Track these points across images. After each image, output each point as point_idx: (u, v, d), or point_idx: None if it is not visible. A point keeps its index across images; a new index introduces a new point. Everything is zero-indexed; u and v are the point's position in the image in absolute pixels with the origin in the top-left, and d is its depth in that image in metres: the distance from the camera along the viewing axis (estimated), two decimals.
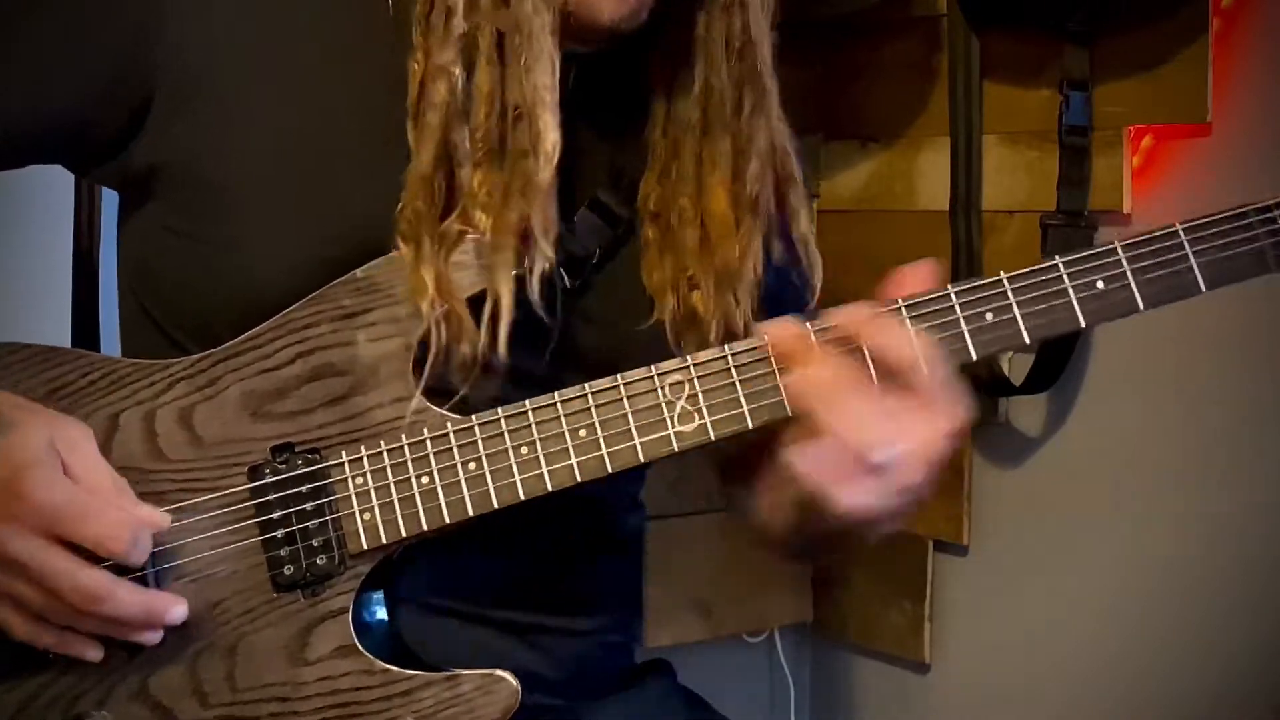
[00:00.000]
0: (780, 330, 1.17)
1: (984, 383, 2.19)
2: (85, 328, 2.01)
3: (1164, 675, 2.09)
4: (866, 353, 1.15)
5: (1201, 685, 2.04)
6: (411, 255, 1.19)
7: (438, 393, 1.21)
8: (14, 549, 1.12)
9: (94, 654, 1.18)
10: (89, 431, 1.19)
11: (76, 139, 1.26)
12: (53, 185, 1.94)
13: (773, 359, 1.18)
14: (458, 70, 1.18)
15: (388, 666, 1.20)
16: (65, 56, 1.24)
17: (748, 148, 1.27)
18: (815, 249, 1.31)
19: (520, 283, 1.19)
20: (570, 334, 1.26)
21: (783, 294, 1.32)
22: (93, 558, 1.14)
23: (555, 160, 1.18)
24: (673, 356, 1.20)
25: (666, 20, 1.25)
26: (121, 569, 1.16)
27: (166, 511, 1.18)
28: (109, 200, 1.99)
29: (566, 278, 1.26)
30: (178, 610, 1.18)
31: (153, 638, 1.18)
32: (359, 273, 1.22)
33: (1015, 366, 2.20)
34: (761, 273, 1.28)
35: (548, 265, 1.19)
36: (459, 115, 1.18)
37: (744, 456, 1.33)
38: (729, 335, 1.26)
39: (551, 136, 1.17)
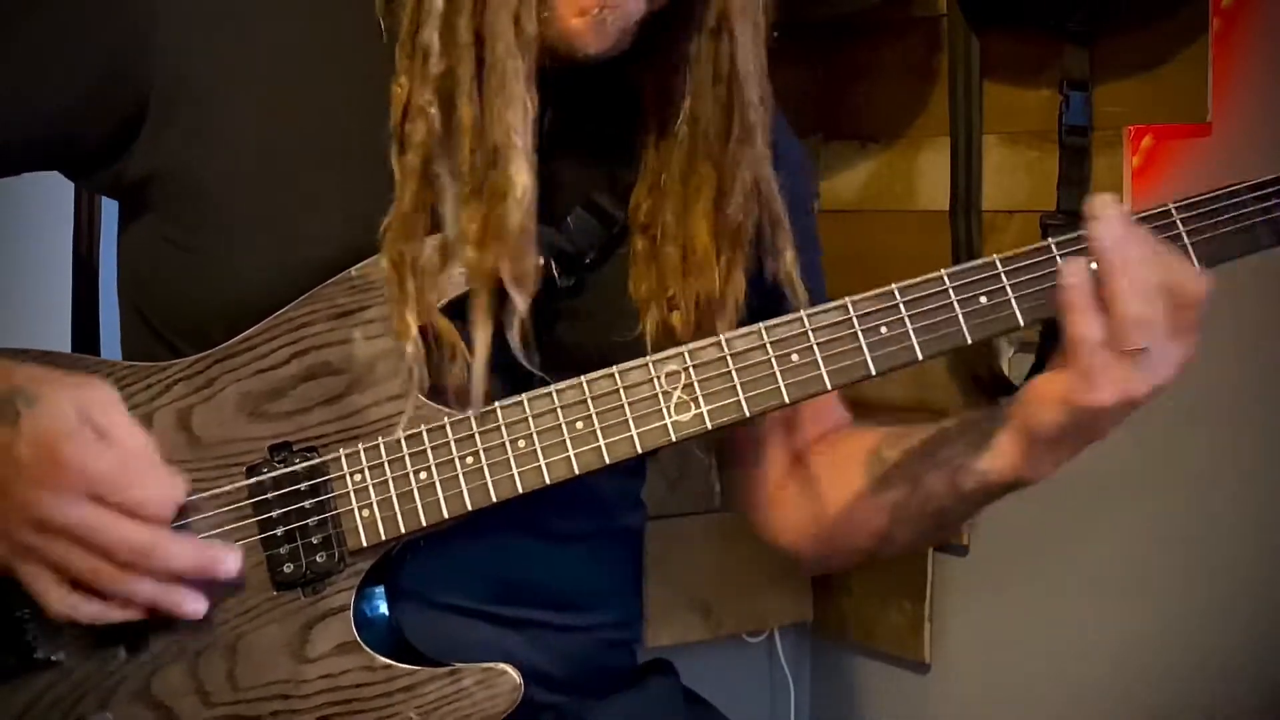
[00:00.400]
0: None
1: (984, 383, 2.19)
2: (85, 330, 2.01)
3: (1163, 675, 2.09)
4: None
5: (1201, 685, 2.04)
6: (395, 294, 1.19)
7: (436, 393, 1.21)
8: (61, 514, 1.11)
9: (136, 614, 1.16)
10: (114, 393, 1.17)
11: (68, 145, 1.27)
12: (53, 188, 1.94)
13: (769, 346, 1.19)
14: (434, 110, 1.17)
15: (389, 662, 1.21)
16: (56, 61, 1.24)
17: (732, 177, 1.26)
18: (802, 288, 1.30)
19: (501, 327, 1.19)
20: (561, 333, 1.27)
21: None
22: None
23: (526, 204, 1.17)
24: None
25: (657, 39, 1.24)
26: None
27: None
28: (109, 203, 1.98)
29: (559, 276, 1.26)
30: (232, 560, 1.16)
31: (197, 606, 1.16)
32: (353, 271, 1.22)
33: (1015, 366, 2.20)
34: (742, 305, 1.27)
35: (521, 312, 1.18)
36: (441, 148, 1.18)
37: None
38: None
39: (521, 181, 1.16)
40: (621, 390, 1.19)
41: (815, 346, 1.19)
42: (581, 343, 1.27)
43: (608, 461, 1.19)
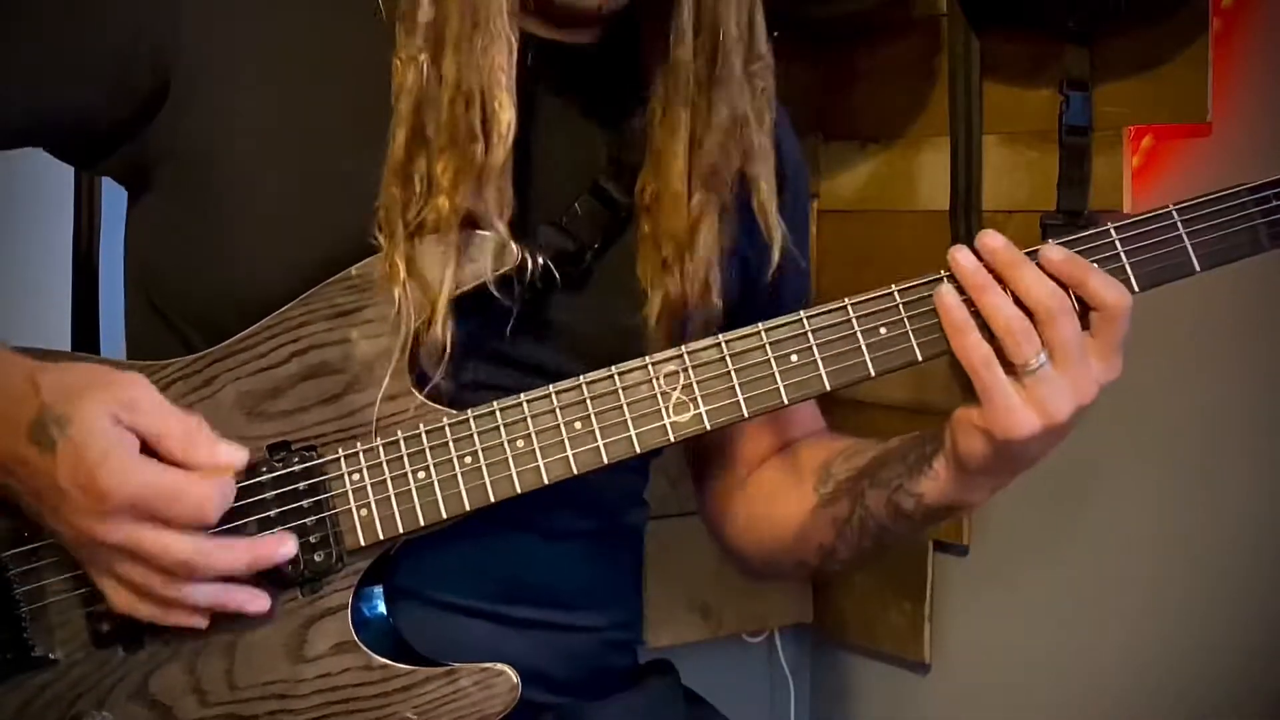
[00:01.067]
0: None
1: None
2: (85, 327, 2.01)
3: (1164, 675, 2.09)
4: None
5: (1202, 685, 2.04)
6: (386, 242, 1.20)
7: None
8: (106, 537, 1.13)
9: (199, 621, 1.18)
10: (143, 381, 1.17)
11: (86, 124, 1.27)
12: (53, 184, 1.94)
13: (768, 346, 1.19)
14: (424, 58, 1.19)
15: (386, 662, 1.21)
16: (82, 39, 1.24)
17: (707, 119, 1.27)
18: (776, 219, 1.31)
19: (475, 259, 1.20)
20: (571, 322, 1.27)
21: (744, 270, 1.34)
22: None
23: (509, 140, 1.18)
24: (667, 347, 1.21)
25: (653, 3, 1.25)
26: None
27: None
28: (109, 199, 1.99)
29: (564, 272, 1.27)
30: (288, 546, 1.18)
31: (260, 604, 1.18)
32: (353, 270, 1.22)
33: None
34: (718, 245, 1.28)
35: (503, 245, 1.20)
36: (431, 104, 1.19)
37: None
38: (699, 310, 1.27)
39: (505, 117, 1.18)
40: (620, 390, 1.20)
41: (814, 347, 1.19)
42: (594, 330, 1.28)
43: (606, 461, 1.19)
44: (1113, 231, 1.19)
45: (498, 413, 1.20)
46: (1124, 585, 2.15)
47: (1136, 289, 1.19)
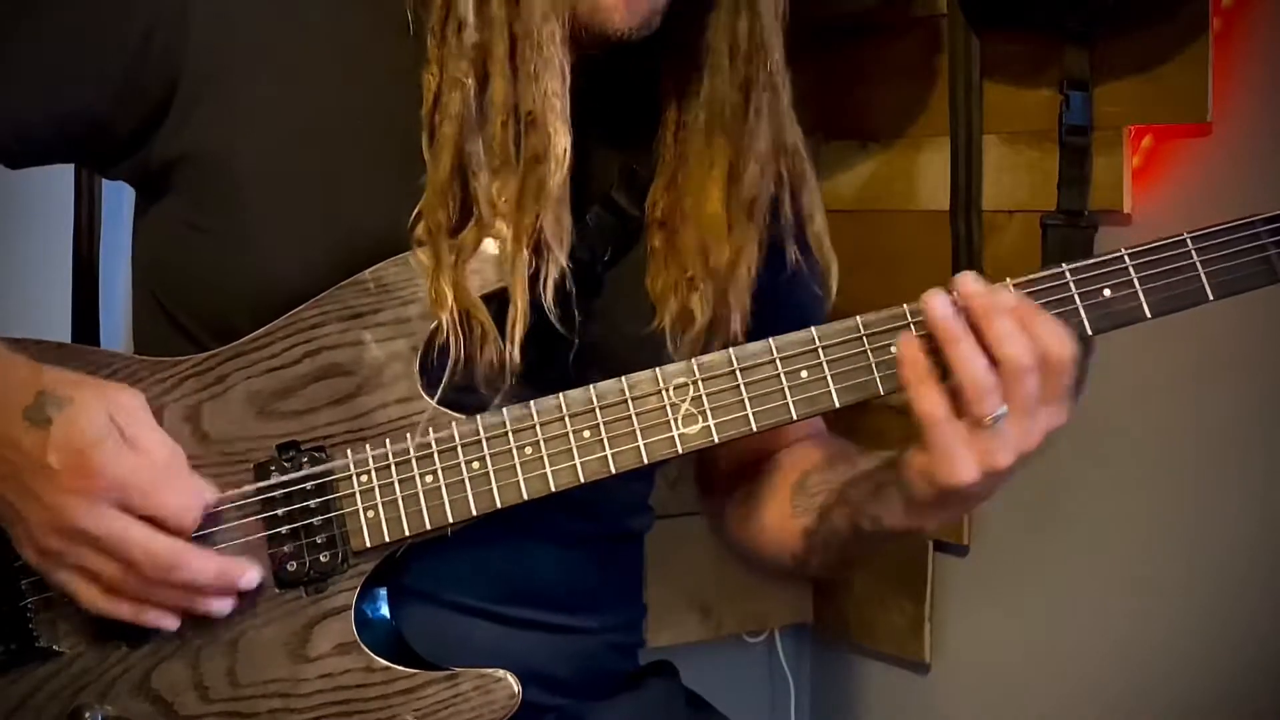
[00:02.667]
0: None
1: None
2: (85, 328, 2.01)
3: (1164, 675, 2.09)
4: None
5: (1201, 685, 2.04)
6: (431, 265, 1.20)
7: (458, 394, 1.22)
8: (87, 523, 1.14)
9: (170, 623, 1.19)
10: (142, 398, 1.19)
11: (101, 129, 1.27)
12: (53, 186, 1.95)
13: (778, 361, 1.19)
14: (470, 81, 1.19)
15: (388, 664, 1.21)
16: (92, 44, 1.25)
17: (748, 150, 1.27)
18: (830, 250, 1.32)
19: (535, 288, 1.19)
20: (581, 333, 1.27)
21: (794, 299, 1.33)
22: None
23: (566, 165, 1.19)
24: (675, 360, 1.21)
25: (677, 24, 1.25)
26: None
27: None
28: (109, 201, 1.99)
29: (578, 280, 1.26)
30: (251, 574, 1.19)
31: (223, 607, 1.19)
32: (367, 274, 1.22)
33: None
34: (754, 276, 1.29)
35: (560, 272, 1.20)
36: (473, 125, 1.19)
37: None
38: (721, 336, 1.27)
39: (562, 142, 1.18)
40: (630, 401, 1.20)
41: (825, 364, 1.19)
42: (602, 340, 1.28)
43: (613, 471, 1.20)
44: (1126, 258, 1.19)
45: (507, 420, 1.20)
46: (1124, 585, 2.15)
47: (1149, 315, 1.18)
